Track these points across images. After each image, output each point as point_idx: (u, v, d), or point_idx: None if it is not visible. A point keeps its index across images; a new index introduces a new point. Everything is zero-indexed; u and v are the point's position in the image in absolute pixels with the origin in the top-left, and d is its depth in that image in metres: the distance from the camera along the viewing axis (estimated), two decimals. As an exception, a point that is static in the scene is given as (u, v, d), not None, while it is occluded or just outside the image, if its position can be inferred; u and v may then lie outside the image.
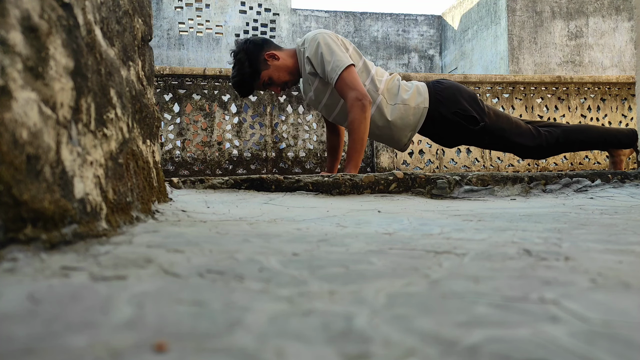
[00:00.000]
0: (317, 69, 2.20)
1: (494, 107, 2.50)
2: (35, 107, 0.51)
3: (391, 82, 2.34)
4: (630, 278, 0.48)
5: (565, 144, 2.50)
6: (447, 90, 2.37)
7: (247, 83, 2.31)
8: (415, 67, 10.17)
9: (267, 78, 2.30)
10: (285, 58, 2.31)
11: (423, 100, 2.33)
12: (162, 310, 0.37)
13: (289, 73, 2.31)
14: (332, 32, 2.28)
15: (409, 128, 2.35)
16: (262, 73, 2.28)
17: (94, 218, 0.62)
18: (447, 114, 2.34)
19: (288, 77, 2.32)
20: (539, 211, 1.16)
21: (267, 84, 2.32)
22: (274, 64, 2.28)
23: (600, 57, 7.96)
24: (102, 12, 0.75)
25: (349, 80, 2.12)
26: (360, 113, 2.11)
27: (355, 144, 2.14)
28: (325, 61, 2.15)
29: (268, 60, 2.28)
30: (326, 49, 2.16)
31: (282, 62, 2.29)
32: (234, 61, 2.33)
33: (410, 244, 0.69)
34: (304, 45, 2.25)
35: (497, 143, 2.45)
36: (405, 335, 0.33)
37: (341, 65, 2.13)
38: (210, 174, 3.99)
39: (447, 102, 2.34)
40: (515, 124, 2.45)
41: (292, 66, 2.31)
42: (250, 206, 1.24)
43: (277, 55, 2.28)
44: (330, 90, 2.27)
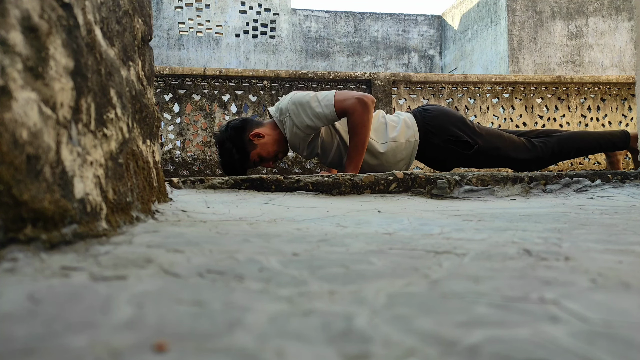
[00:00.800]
0: (315, 123, 2.18)
1: (485, 127, 2.51)
2: (35, 107, 0.51)
3: (376, 121, 2.34)
4: (630, 278, 0.48)
5: (561, 153, 2.51)
6: (435, 119, 2.38)
7: (238, 167, 2.32)
8: (415, 67, 10.17)
9: (256, 157, 2.31)
10: (269, 132, 2.31)
11: (413, 133, 2.34)
12: (162, 310, 0.37)
13: (277, 145, 2.32)
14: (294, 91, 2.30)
15: (403, 161, 2.37)
16: (251, 153, 2.30)
17: (94, 218, 0.62)
18: (439, 142, 2.35)
19: (277, 149, 2.33)
20: (539, 211, 1.16)
21: (258, 162, 2.34)
22: (260, 142, 2.29)
23: (600, 57, 7.96)
24: (102, 12, 0.75)
25: (342, 96, 2.14)
26: (362, 113, 2.11)
27: (357, 146, 2.14)
28: (312, 107, 2.15)
29: (253, 140, 2.28)
30: (306, 100, 2.16)
31: (267, 138, 2.29)
32: (219, 151, 2.34)
33: (410, 244, 0.69)
34: (283, 116, 2.24)
35: (493, 161, 2.46)
36: (405, 335, 0.33)
37: (329, 96, 2.15)
38: (210, 174, 3.99)
39: (437, 130, 2.35)
40: (509, 140, 2.45)
41: (278, 137, 2.31)
42: (250, 206, 1.24)
43: (262, 133, 2.28)
44: (320, 137, 2.29)
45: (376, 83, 3.96)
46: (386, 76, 3.99)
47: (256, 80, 3.95)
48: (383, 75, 3.99)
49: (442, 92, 4.10)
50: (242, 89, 3.99)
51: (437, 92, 4.10)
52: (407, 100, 4.06)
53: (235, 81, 3.98)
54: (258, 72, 3.93)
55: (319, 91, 2.21)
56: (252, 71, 3.91)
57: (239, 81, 3.95)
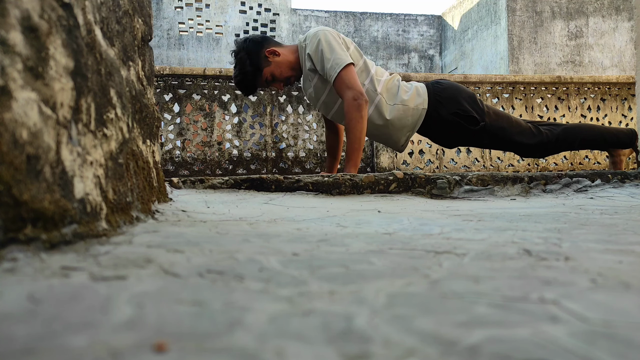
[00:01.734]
0: (316, 65, 2.21)
1: (493, 107, 2.50)
2: (35, 107, 0.51)
3: (391, 82, 2.34)
4: (630, 278, 0.48)
5: (566, 142, 2.50)
6: (446, 90, 2.37)
7: (249, 81, 2.31)
8: (415, 67, 10.17)
9: (269, 75, 2.30)
10: (286, 54, 2.31)
11: (422, 101, 2.33)
12: (162, 310, 0.37)
13: (290, 69, 2.31)
14: (333, 30, 2.28)
15: (407, 128, 2.35)
16: (264, 70, 2.29)
17: (94, 218, 0.62)
18: (447, 114, 2.34)
19: (290, 73, 2.32)
20: (539, 211, 1.16)
21: (270, 80, 2.32)
22: (275, 61, 2.28)
23: (600, 57, 7.96)
24: (102, 12, 0.75)
25: (346, 79, 2.12)
26: (356, 112, 2.11)
27: (353, 144, 2.14)
28: (325, 59, 2.16)
29: (269, 57, 2.28)
30: (327, 46, 2.16)
31: (283, 58, 2.29)
32: (235, 60, 2.33)
33: (410, 244, 0.69)
34: (306, 42, 2.25)
35: (497, 143, 2.44)
36: (405, 335, 0.33)
37: (340, 64, 2.13)
38: (210, 174, 3.99)
39: (446, 102, 2.34)
40: (516, 123, 2.45)
41: (294, 61, 2.31)
42: (250, 206, 1.24)
43: (278, 52, 2.28)
44: (329, 87, 2.27)
45: (376, 83, 3.96)
46: (386, 76, 3.99)
47: (256, 80, 3.94)
48: (383, 75, 3.99)
49: (442, 92, 4.11)
50: (242, 89, 3.99)
51: (437, 92, 4.10)
52: (407, 100, 4.06)
53: (235, 81, 3.97)
54: (258, 72, 3.92)
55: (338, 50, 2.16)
56: (252, 71, 3.91)
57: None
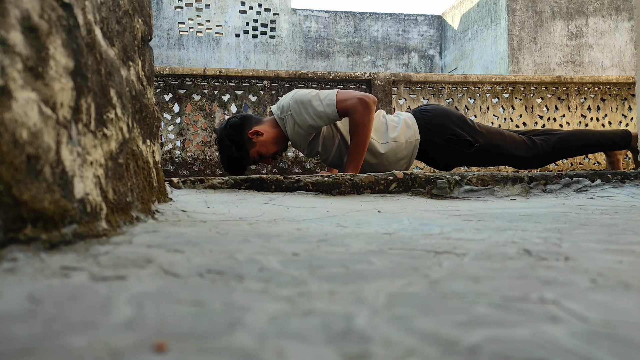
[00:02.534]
0: (317, 122, 2.19)
1: (485, 125, 2.51)
2: (35, 107, 0.51)
3: (377, 121, 2.35)
4: (630, 278, 0.48)
5: (562, 151, 2.51)
6: (435, 118, 2.38)
7: (238, 165, 2.33)
8: (415, 67, 10.17)
9: (256, 154, 2.32)
10: (268, 130, 2.31)
11: (413, 132, 2.34)
12: (162, 310, 0.37)
13: (275, 144, 2.33)
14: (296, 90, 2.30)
15: (403, 161, 2.37)
16: (251, 152, 2.31)
17: (94, 218, 0.62)
18: (440, 141, 2.36)
19: (276, 148, 2.34)
20: (539, 211, 1.16)
21: (257, 159, 2.35)
22: (259, 141, 2.30)
23: (600, 57, 7.95)
24: (102, 12, 0.75)
25: (344, 96, 2.15)
26: (363, 113, 2.11)
27: (358, 147, 2.14)
28: (315, 106, 2.15)
29: (252, 138, 2.29)
30: (308, 99, 2.17)
31: (266, 135, 2.30)
32: (219, 148, 2.35)
33: (410, 244, 0.69)
34: (284, 114, 2.25)
35: (494, 159, 2.46)
36: (405, 335, 0.33)
37: (330, 94, 2.15)
38: (210, 174, 3.99)
39: (437, 130, 2.36)
40: (510, 138, 2.45)
41: (277, 136, 2.32)
42: (250, 206, 1.24)
43: (260, 131, 2.29)
44: (322, 135, 2.30)
45: (376, 83, 3.96)
46: (386, 76, 3.99)
47: (256, 80, 3.95)
48: (383, 75, 3.99)
49: (442, 92, 4.10)
50: (242, 89, 3.99)
51: (437, 92, 4.10)
52: (407, 100, 4.06)
53: (235, 81, 3.98)
54: (258, 72, 3.93)
55: (317, 92, 2.21)
56: (252, 71, 3.91)
57: (239, 81, 3.95)
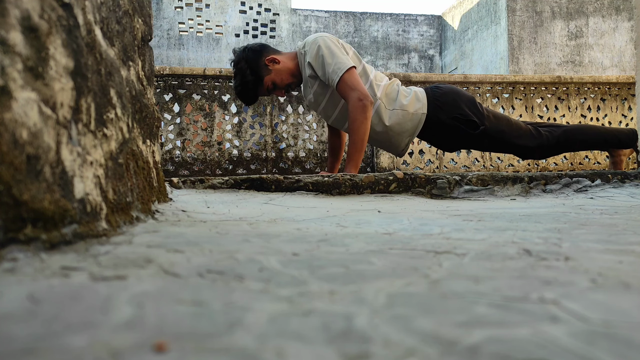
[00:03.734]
0: (317, 72, 2.21)
1: (493, 110, 2.50)
2: (35, 107, 0.51)
3: (390, 87, 2.34)
4: (630, 278, 0.48)
5: (566, 143, 2.50)
6: (445, 95, 2.37)
7: (251, 90, 2.32)
8: (415, 67, 10.17)
9: (270, 83, 2.30)
10: (286, 61, 2.31)
11: (421, 106, 2.33)
12: (162, 310, 0.37)
13: (291, 75, 2.32)
14: (332, 35, 2.28)
15: (407, 133, 2.35)
16: (265, 78, 2.29)
17: (94, 218, 0.62)
18: (447, 119, 2.34)
19: (291, 79, 2.32)
20: (539, 211, 1.16)
21: (271, 89, 2.33)
22: (275, 68, 2.29)
23: (600, 57, 7.95)
24: (102, 12, 0.75)
25: (350, 81, 2.13)
26: (361, 113, 2.11)
27: (356, 145, 2.14)
28: (326, 64, 2.16)
29: (269, 65, 2.28)
30: (327, 51, 2.16)
31: (283, 65, 2.29)
32: (234, 70, 2.34)
33: (410, 244, 0.69)
34: (305, 49, 2.25)
35: (498, 145, 2.45)
36: (405, 335, 0.33)
37: (343, 68, 2.13)
38: (210, 174, 3.99)
39: (446, 107, 2.35)
40: (516, 126, 2.45)
41: (294, 68, 2.32)
42: (250, 206, 1.24)
43: (277, 59, 2.29)
44: (329, 93, 2.28)
45: (376, 83, 3.96)
46: (386, 76, 3.99)
47: (256, 80, 3.94)
48: (383, 75, 3.99)
49: (442, 92, 4.10)
50: (242, 89, 3.99)
51: (437, 92, 4.10)
52: (407, 100, 4.06)
53: (235, 81, 3.97)
54: (258, 72, 3.92)
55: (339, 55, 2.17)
56: (252, 71, 3.90)
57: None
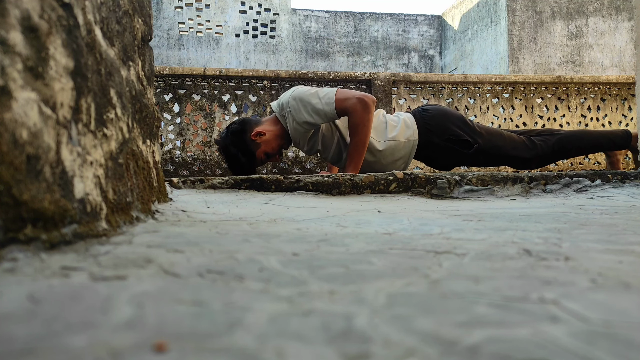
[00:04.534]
0: (315, 119, 2.19)
1: (484, 126, 2.51)
2: (35, 107, 0.51)
3: (376, 120, 2.35)
4: (630, 278, 0.48)
5: (561, 151, 2.51)
6: (434, 118, 2.38)
7: (247, 169, 2.34)
8: (415, 67, 10.17)
9: (262, 155, 2.33)
10: (270, 129, 2.32)
11: (412, 132, 2.34)
12: (162, 310, 0.37)
13: (279, 139, 2.34)
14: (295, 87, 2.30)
15: (401, 160, 2.37)
16: (257, 153, 2.31)
17: (94, 218, 0.62)
18: (439, 141, 2.36)
19: (281, 143, 2.34)
20: (539, 211, 1.16)
21: (265, 159, 2.36)
22: (263, 140, 2.30)
23: (600, 57, 7.95)
24: (102, 12, 0.75)
25: (342, 95, 2.15)
26: (362, 113, 2.11)
27: (357, 146, 2.15)
28: (314, 103, 2.16)
29: (256, 139, 2.29)
30: (307, 96, 2.17)
31: (269, 134, 2.30)
32: (225, 157, 2.36)
33: (410, 244, 0.69)
34: (286, 111, 2.25)
35: (493, 160, 2.46)
36: (405, 335, 0.33)
37: (330, 94, 2.16)
38: (210, 174, 3.99)
39: (437, 130, 2.36)
40: (509, 139, 2.45)
41: (280, 132, 2.33)
42: (250, 206, 1.24)
43: (262, 131, 2.30)
44: (321, 132, 2.30)
45: (376, 83, 3.96)
46: (386, 76, 3.99)
47: (256, 80, 3.95)
48: (383, 75, 3.99)
49: (442, 92, 4.10)
50: (242, 89, 4.00)
51: (437, 92, 4.10)
52: (407, 100, 4.06)
53: (235, 81, 3.98)
54: (258, 72, 3.93)
55: (316, 89, 2.22)
56: (252, 71, 3.91)
57: (239, 81, 3.95)
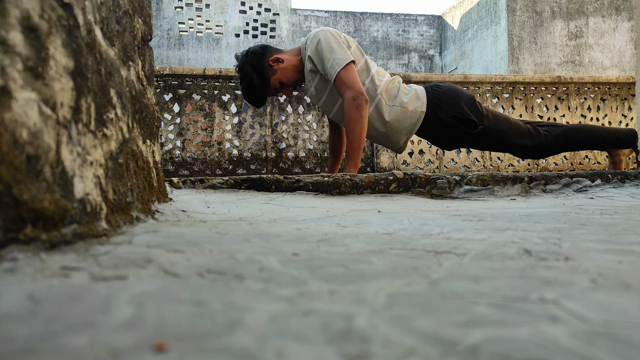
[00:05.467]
0: (317, 66, 2.22)
1: (492, 109, 2.51)
2: (35, 107, 0.51)
3: (391, 83, 2.35)
4: (630, 278, 0.48)
5: (565, 143, 2.50)
6: (445, 94, 2.38)
7: (259, 93, 2.32)
8: (415, 67, 10.17)
9: (277, 82, 2.31)
10: (290, 58, 2.32)
11: (421, 104, 2.34)
12: (162, 310, 0.37)
13: (297, 72, 2.32)
14: (334, 29, 2.29)
15: (405, 130, 2.36)
16: (272, 79, 2.29)
17: (94, 218, 0.62)
18: (446, 117, 2.35)
19: (297, 76, 2.33)
20: (539, 211, 1.16)
21: (278, 88, 2.34)
22: (280, 67, 2.29)
23: (600, 57, 7.95)
24: (102, 12, 0.75)
25: (346, 78, 2.13)
26: (356, 112, 2.11)
27: (353, 143, 2.15)
28: (325, 58, 2.16)
29: (273, 65, 2.28)
30: (326, 46, 2.17)
31: (287, 63, 2.30)
32: (240, 76, 2.34)
33: (410, 244, 0.69)
34: (307, 43, 2.26)
35: (496, 145, 2.45)
36: (405, 335, 0.33)
37: (340, 63, 2.13)
38: (210, 174, 3.99)
39: (445, 105, 2.35)
40: (515, 125, 2.45)
41: (298, 64, 2.32)
42: (250, 206, 1.24)
43: (281, 58, 2.29)
44: (329, 88, 2.28)
45: (376, 83, 3.96)
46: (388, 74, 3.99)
47: (256, 80, 3.95)
48: (383, 75, 3.99)
49: (442, 92, 4.10)
50: (242, 89, 3.99)
51: (437, 92, 4.10)
52: (407, 100, 4.06)
53: (235, 81, 3.98)
54: (258, 72, 3.92)
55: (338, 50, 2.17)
56: (252, 71, 3.91)
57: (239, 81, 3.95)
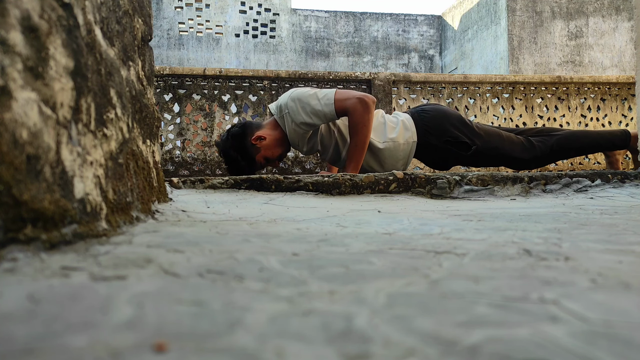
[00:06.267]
0: (313, 120, 2.20)
1: (483, 126, 2.50)
2: (35, 107, 0.51)
3: (376, 121, 2.35)
4: (630, 278, 0.48)
5: (560, 152, 2.51)
6: (433, 119, 2.38)
7: (247, 172, 2.34)
8: (415, 67, 10.17)
9: (262, 160, 2.33)
10: (270, 133, 2.32)
11: (411, 134, 2.34)
12: (162, 310, 0.37)
13: (280, 145, 2.34)
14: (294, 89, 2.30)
15: (401, 162, 2.38)
16: (257, 157, 2.31)
17: (94, 218, 0.62)
18: (438, 143, 2.36)
19: (281, 149, 2.35)
20: (539, 211, 1.16)
21: (264, 163, 2.36)
22: (263, 145, 2.30)
23: (600, 57, 7.95)
24: (102, 12, 0.75)
25: (342, 96, 2.15)
26: (363, 113, 2.11)
27: (357, 146, 2.15)
28: (314, 105, 2.16)
29: (256, 144, 2.29)
30: (305, 97, 2.17)
31: (269, 139, 2.30)
32: (225, 160, 2.36)
33: (410, 244, 0.69)
34: (284, 112, 2.25)
35: (492, 161, 2.47)
36: (405, 335, 0.33)
37: (329, 94, 2.16)
38: (210, 174, 3.99)
39: (435, 131, 2.36)
40: (508, 140, 2.45)
41: (280, 137, 2.33)
42: (250, 206, 1.24)
43: (263, 136, 2.29)
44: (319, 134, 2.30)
45: (376, 83, 3.96)
46: (386, 76, 3.99)
47: (256, 80, 3.95)
48: (383, 75, 3.99)
49: (442, 92, 4.10)
50: (242, 89, 4.00)
51: (437, 92, 4.10)
52: (407, 100, 4.06)
53: (235, 81, 3.98)
54: (258, 72, 3.93)
55: (315, 90, 2.22)
56: (252, 71, 3.91)
57: (239, 81, 3.95)
